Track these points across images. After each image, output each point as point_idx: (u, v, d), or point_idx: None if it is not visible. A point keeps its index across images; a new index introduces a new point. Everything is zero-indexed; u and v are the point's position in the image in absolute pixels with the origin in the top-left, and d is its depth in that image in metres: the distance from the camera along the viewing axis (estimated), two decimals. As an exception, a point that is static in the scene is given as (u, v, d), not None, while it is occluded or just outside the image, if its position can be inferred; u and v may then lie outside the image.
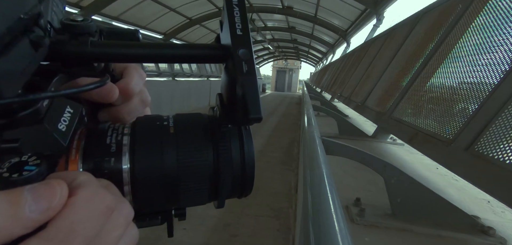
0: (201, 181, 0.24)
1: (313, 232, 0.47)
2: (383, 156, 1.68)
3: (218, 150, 0.24)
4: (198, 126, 0.25)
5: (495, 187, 0.86)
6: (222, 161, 0.24)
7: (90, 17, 0.24)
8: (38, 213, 0.16)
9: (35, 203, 0.16)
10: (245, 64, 0.21)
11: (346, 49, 9.69)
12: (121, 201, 0.20)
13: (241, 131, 0.25)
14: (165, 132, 0.24)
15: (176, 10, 8.53)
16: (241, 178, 0.25)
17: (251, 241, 2.37)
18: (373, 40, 4.95)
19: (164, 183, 0.23)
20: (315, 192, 0.61)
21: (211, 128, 0.25)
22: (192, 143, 0.24)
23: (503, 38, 1.21)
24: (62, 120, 0.20)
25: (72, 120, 0.21)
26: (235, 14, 0.22)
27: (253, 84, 0.21)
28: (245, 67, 0.21)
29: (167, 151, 0.23)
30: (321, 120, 3.17)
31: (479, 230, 0.97)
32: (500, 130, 0.96)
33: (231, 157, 0.24)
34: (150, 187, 0.22)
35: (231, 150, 0.24)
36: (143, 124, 0.24)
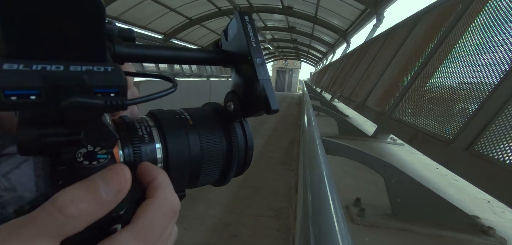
0: (217, 163, 0.28)
1: (313, 232, 0.47)
2: (383, 156, 1.68)
3: (230, 137, 0.29)
4: (209, 117, 0.29)
5: (495, 187, 0.86)
6: (233, 146, 0.29)
7: (112, 21, 0.26)
8: (112, 195, 0.19)
9: (108, 187, 0.19)
10: (262, 70, 0.27)
11: (346, 49, 9.69)
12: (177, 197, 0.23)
13: (243, 122, 0.30)
14: (186, 122, 0.28)
15: (176, 10, 8.53)
16: (244, 159, 0.30)
17: (251, 241, 2.37)
18: (373, 40, 4.95)
19: (190, 166, 0.27)
20: (315, 192, 0.61)
21: (219, 119, 0.29)
22: (211, 132, 0.28)
23: (503, 38, 1.21)
24: (106, 116, 0.24)
25: (108, 116, 0.24)
26: (249, 30, 0.28)
27: (270, 85, 0.27)
28: (262, 71, 0.27)
29: (192, 139, 0.27)
30: (321, 120, 3.17)
31: (479, 230, 0.97)
32: (500, 130, 0.96)
33: (238, 143, 0.29)
34: (179, 170, 0.26)
35: (238, 137, 0.29)
36: (164, 117, 0.28)
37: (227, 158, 0.29)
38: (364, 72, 3.85)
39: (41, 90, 0.18)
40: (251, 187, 3.38)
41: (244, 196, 3.16)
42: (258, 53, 0.27)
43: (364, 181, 1.41)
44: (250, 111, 0.28)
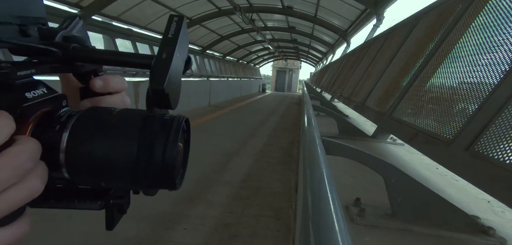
0: (123, 166, 0.26)
1: (313, 232, 0.47)
2: (383, 156, 1.68)
3: (141, 141, 0.27)
4: (135, 118, 0.28)
5: (495, 187, 0.86)
6: (142, 152, 0.26)
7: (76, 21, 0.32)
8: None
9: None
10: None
11: (346, 49, 9.69)
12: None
13: (171, 129, 0.28)
14: (105, 117, 0.28)
15: (176, 10, 8.53)
16: (160, 171, 0.27)
17: (251, 241, 2.37)
18: (373, 40, 4.95)
19: (93, 158, 0.26)
20: (315, 192, 0.61)
21: (144, 122, 0.28)
22: (124, 131, 0.27)
23: (503, 38, 1.21)
24: (32, 93, 0.26)
25: (41, 96, 0.27)
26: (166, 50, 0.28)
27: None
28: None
29: (99, 132, 0.27)
30: (321, 120, 3.17)
31: (479, 230, 0.97)
32: (500, 130, 0.96)
33: (152, 150, 0.27)
34: (80, 159, 0.26)
35: (153, 143, 0.27)
36: (92, 110, 0.29)
37: (135, 162, 0.26)
38: (364, 72, 3.85)
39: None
40: (251, 187, 3.38)
41: (244, 196, 3.16)
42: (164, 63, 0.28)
43: (364, 181, 1.41)
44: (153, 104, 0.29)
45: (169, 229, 2.37)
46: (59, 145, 0.26)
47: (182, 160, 0.32)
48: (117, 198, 0.30)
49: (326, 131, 2.61)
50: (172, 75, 0.28)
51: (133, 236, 2.26)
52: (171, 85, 0.28)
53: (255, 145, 5.37)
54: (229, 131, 6.67)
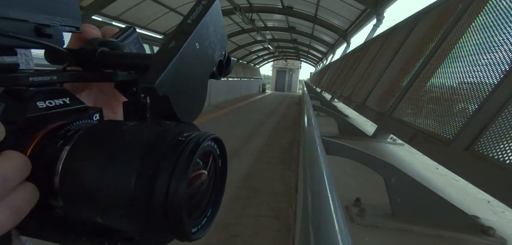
0: (118, 202, 0.19)
1: (313, 232, 0.47)
2: (383, 156, 1.68)
3: (142, 170, 0.19)
4: (143, 137, 0.21)
5: (495, 187, 0.86)
6: (140, 185, 0.19)
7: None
8: None
9: None
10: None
11: (346, 49, 9.69)
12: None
13: (182, 154, 0.20)
14: (110, 133, 0.22)
15: (176, 10, 8.53)
16: (164, 213, 0.19)
17: (252, 241, 2.37)
18: (373, 40, 4.95)
19: (85, 185, 0.20)
20: (315, 192, 0.61)
21: (151, 144, 0.20)
22: (124, 153, 0.20)
23: (503, 38, 1.21)
24: (47, 102, 0.23)
25: (58, 107, 0.23)
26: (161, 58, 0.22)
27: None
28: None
29: (97, 152, 0.21)
30: (321, 120, 3.17)
31: (479, 230, 0.97)
32: (500, 130, 0.96)
33: (153, 184, 0.19)
34: (72, 184, 0.21)
35: (156, 174, 0.19)
36: (101, 123, 0.25)
37: (135, 199, 0.19)
38: (364, 72, 3.85)
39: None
40: (251, 188, 3.38)
41: (244, 196, 3.16)
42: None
43: (364, 181, 1.41)
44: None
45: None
46: (55, 165, 0.21)
47: (209, 196, 0.24)
48: (127, 241, 0.22)
49: (326, 131, 2.61)
50: (180, 72, 0.21)
51: None
52: (176, 87, 0.21)
53: (255, 145, 5.37)
54: (230, 130, 6.67)
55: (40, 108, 0.22)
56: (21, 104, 0.22)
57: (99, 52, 0.25)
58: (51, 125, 0.23)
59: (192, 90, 0.23)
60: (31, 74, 0.22)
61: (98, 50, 0.25)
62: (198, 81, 0.24)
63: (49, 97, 0.23)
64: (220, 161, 0.24)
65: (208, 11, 0.23)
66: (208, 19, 0.23)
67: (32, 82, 0.22)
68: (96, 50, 0.25)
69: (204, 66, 0.24)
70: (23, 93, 0.22)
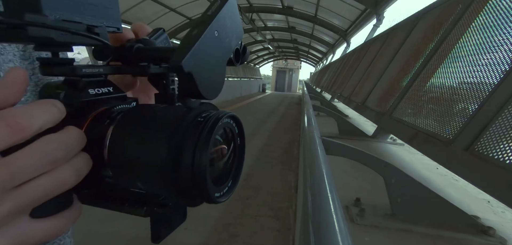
0: (153, 168, 0.24)
1: (313, 232, 0.47)
2: (383, 156, 1.68)
3: (171, 142, 0.23)
4: (172, 115, 0.25)
5: (495, 187, 0.86)
6: (171, 155, 0.23)
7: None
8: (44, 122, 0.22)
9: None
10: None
11: (346, 49, 9.69)
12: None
13: (204, 129, 0.24)
14: (145, 113, 0.26)
15: (176, 10, 8.54)
16: (191, 179, 0.24)
17: (252, 241, 2.37)
18: (373, 40, 4.95)
19: (127, 155, 0.25)
20: (315, 192, 0.61)
21: (179, 121, 0.24)
22: (156, 129, 0.24)
23: (503, 38, 1.21)
24: (96, 90, 0.28)
25: (104, 94, 0.28)
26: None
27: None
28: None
29: (135, 129, 0.25)
30: (321, 120, 3.17)
31: (479, 230, 0.97)
32: (500, 130, 0.96)
33: (181, 154, 0.23)
34: (118, 155, 0.25)
35: (183, 146, 0.23)
36: (138, 106, 0.29)
37: (167, 167, 0.23)
38: (364, 72, 3.85)
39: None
40: (251, 187, 3.38)
41: (244, 196, 3.16)
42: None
43: (364, 181, 1.41)
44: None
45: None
46: (104, 140, 0.25)
47: (230, 166, 0.29)
48: (161, 206, 0.27)
49: (326, 131, 2.61)
50: (202, 55, 0.25)
51: (134, 236, 2.26)
52: (199, 67, 0.25)
53: (256, 145, 5.37)
54: (229, 130, 6.66)
55: (91, 94, 0.27)
56: (76, 91, 0.27)
57: (136, 48, 0.30)
58: (99, 109, 0.27)
59: (212, 71, 0.27)
60: (84, 67, 0.27)
61: (135, 47, 0.30)
62: (217, 64, 0.28)
63: (97, 86, 0.28)
64: (239, 139, 0.29)
65: (224, 5, 0.27)
66: (225, 12, 0.28)
67: (85, 73, 0.27)
68: (133, 46, 0.30)
69: (222, 52, 0.29)
70: (78, 82, 0.27)
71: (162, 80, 0.31)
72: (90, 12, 0.27)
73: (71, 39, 0.25)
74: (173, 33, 9.79)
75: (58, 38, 0.23)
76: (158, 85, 0.32)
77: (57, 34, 0.23)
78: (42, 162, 0.21)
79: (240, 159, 0.30)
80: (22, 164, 0.20)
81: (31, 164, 0.20)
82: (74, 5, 0.25)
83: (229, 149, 0.28)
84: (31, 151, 0.20)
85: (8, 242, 0.21)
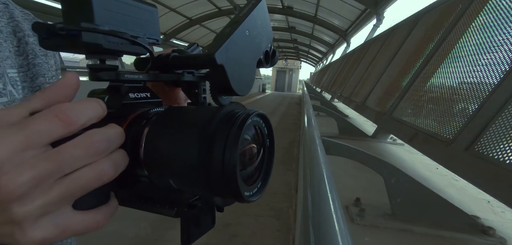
0: (186, 167, 0.25)
1: (313, 232, 0.47)
2: (383, 156, 1.68)
3: (202, 141, 0.24)
4: (203, 115, 0.26)
5: (495, 187, 0.86)
6: (202, 154, 0.24)
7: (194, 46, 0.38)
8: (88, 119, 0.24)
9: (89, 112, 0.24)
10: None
11: (346, 49, 9.69)
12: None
13: (232, 127, 0.24)
14: (178, 114, 0.28)
15: (176, 10, 8.54)
16: (221, 178, 0.24)
17: (251, 241, 2.37)
18: (373, 40, 4.95)
19: (161, 154, 0.26)
20: (315, 192, 0.61)
21: (209, 120, 0.25)
22: (188, 129, 0.26)
23: (503, 38, 1.21)
24: (135, 94, 0.30)
25: (142, 99, 0.30)
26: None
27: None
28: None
29: (169, 129, 0.27)
30: (321, 120, 3.17)
31: (479, 230, 0.97)
32: (500, 130, 0.96)
33: (211, 153, 0.24)
34: (153, 154, 0.26)
35: (212, 145, 0.24)
36: (170, 108, 0.30)
37: (197, 167, 0.24)
38: (364, 72, 3.85)
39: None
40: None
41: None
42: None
43: (364, 181, 1.41)
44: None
45: (169, 229, 2.37)
46: (140, 140, 0.27)
47: (260, 166, 0.29)
48: (191, 207, 0.28)
49: (326, 131, 2.61)
50: (234, 51, 0.27)
51: (134, 236, 2.26)
52: (231, 62, 0.26)
53: (255, 145, 5.36)
54: (229, 130, 6.67)
55: (131, 98, 0.29)
56: (119, 94, 0.29)
57: (172, 56, 0.32)
58: (137, 111, 0.29)
59: (242, 68, 0.28)
60: (126, 73, 0.29)
61: (171, 55, 0.32)
62: (247, 62, 0.29)
63: (137, 91, 0.30)
64: (268, 140, 0.29)
65: (256, 7, 0.29)
66: (256, 13, 0.29)
67: (127, 79, 0.29)
68: (169, 55, 0.32)
69: (252, 51, 0.30)
70: (121, 88, 0.29)
71: (194, 89, 0.33)
72: (134, 24, 0.29)
73: (118, 47, 0.27)
74: (173, 33, 9.79)
75: (106, 46, 0.26)
76: (190, 94, 0.34)
77: (105, 42, 0.26)
78: (87, 153, 0.22)
79: (269, 160, 0.30)
80: (70, 155, 0.21)
81: (78, 154, 0.22)
82: (121, 17, 0.28)
83: (259, 149, 0.29)
84: (78, 142, 0.22)
85: (53, 229, 0.22)
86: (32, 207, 0.21)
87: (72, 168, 0.22)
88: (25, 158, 0.20)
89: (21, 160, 0.20)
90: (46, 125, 0.21)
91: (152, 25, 0.31)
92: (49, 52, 0.46)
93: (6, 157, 0.20)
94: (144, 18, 0.30)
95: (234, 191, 0.25)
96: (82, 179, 0.22)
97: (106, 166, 0.23)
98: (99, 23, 0.25)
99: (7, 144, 0.20)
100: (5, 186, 0.19)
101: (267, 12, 0.31)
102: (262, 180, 0.29)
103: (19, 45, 0.41)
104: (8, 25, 0.40)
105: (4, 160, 0.20)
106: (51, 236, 0.22)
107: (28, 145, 0.20)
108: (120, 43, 0.27)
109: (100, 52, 0.27)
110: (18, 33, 0.41)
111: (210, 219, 0.32)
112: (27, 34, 0.42)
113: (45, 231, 0.22)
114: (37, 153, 0.21)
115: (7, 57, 0.38)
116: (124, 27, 0.28)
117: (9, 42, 0.40)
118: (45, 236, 0.22)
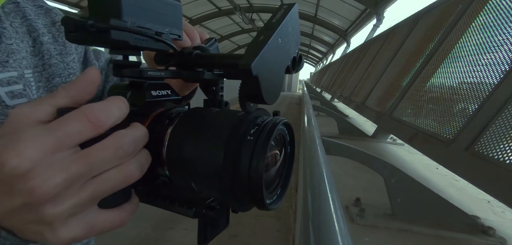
0: (209, 171, 0.24)
1: (313, 232, 0.47)
2: (383, 156, 1.68)
3: (228, 147, 0.24)
4: (228, 119, 0.26)
5: (495, 187, 0.86)
6: (227, 160, 0.24)
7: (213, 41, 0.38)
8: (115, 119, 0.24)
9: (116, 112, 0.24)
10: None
11: (346, 49, 9.69)
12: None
13: (261, 135, 0.24)
14: (203, 116, 0.28)
15: (176, 10, 8.53)
16: (247, 185, 0.24)
17: (251, 241, 2.37)
18: (373, 40, 4.95)
19: (185, 156, 0.26)
20: (315, 192, 0.61)
21: (235, 126, 0.25)
22: (213, 133, 0.25)
23: (503, 38, 1.21)
24: (157, 92, 0.29)
25: (163, 96, 0.30)
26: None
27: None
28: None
29: (193, 131, 0.26)
30: (321, 120, 3.17)
31: (479, 230, 0.97)
32: (500, 130, 0.96)
33: (238, 159, 0.24)
34: (176, 155, 0.26)
35: (239, 151, 0.24)
36: (195, 109, 0.30)
37: (221, 171, 0.24)
38: (364, 72, 3.85)
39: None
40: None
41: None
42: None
43: (364, 181, 1.41)
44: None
45: (169, 229, 2.37)
46: (163, 139, 0.27)
47: (280, 173, 0.29)
48: (209, 209, 0.28)
49: (326, 130, 2.61)
50: (267, 60, 0.26)
51: (134, 236, 2.26)
52: (264, 72, 0.25)
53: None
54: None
55: (153, 96, 0.29)
56: (141, 92, 0.28)
57: (194, 54, 0.32)
58: (159, 109, 0.29)
59: (273, 77, 0.27)
60: (149, 70, 0.29)
61: (194, 53, 0.32)
62: (278, 71, 0.28)
63: (158, 88, 0.30)
64: (289, 147, 0.29)
65: (288, 13, 0.28)
66: (288, 20, 0.28)
67: (149, 76, 0.29)
68: (191, 53, 0.32)
69: (283, 59, 0.29)
70: (143, 85, 0.29)
71: (212, 86, 0.33)
72: (158, 20, 0.29)
73: (143, 44, 0.27)
74: (173, 33, 9.80)
75: (132, 42, 0.26)
76: (207, 91, 0.33)
77: (132, 39, 0.25)
78: (115, 156, 0.22)
79: (289, 167, 0.30)
80: (100, 157, 0.22)
81: (107, 157, 0.22)
82: (146, 13, 0.27)
83: (281, 155, 0.28)
84: (107, 145, 0.22)
85: (82, 228, 0.23)
86: (62, 208, 0.21)
87: (101, 170, 0.22)
88: (56, 159, 0.20)
89: (53, 162, 0.20)
90: (76, 126, 0.21)
91: (176, 21, 0.31)
92: (64, 50, 0.46)
93: (38, 159, 0.20)
94: (168, 13, 0.30)
95: (258, 199, 0.25)
96: (110, 180, 0.22)
97: (133, 167, 0.23)
98: (126, 18, 0.25)
99: (39, 145, 0.20)
100: (38, 188, 0.20)
101: (298, 17, 0.31)
102: (281, 187, 0.29)
103: (34, 46, 0.41)
104: (22, 25, 0.40)
105: (36, 161, 0.20)
106: (79, 235, 0.22)
107: (59, 146, 0.21)
108: (145, 40, 0.27)
109: (126, 48, 0.27)
110: (33, 33, 0.41)
111: (225, 219, 0.32)
112: (41, 33, 0.42)
113: (74, 231, 0.22)
114: (68, 154, 0.21)
115: (23, 58, 0.38)
116: (149, 22, 0.28)
117: (25, 42, 0.39)
118: (74, 235, 0.22)
